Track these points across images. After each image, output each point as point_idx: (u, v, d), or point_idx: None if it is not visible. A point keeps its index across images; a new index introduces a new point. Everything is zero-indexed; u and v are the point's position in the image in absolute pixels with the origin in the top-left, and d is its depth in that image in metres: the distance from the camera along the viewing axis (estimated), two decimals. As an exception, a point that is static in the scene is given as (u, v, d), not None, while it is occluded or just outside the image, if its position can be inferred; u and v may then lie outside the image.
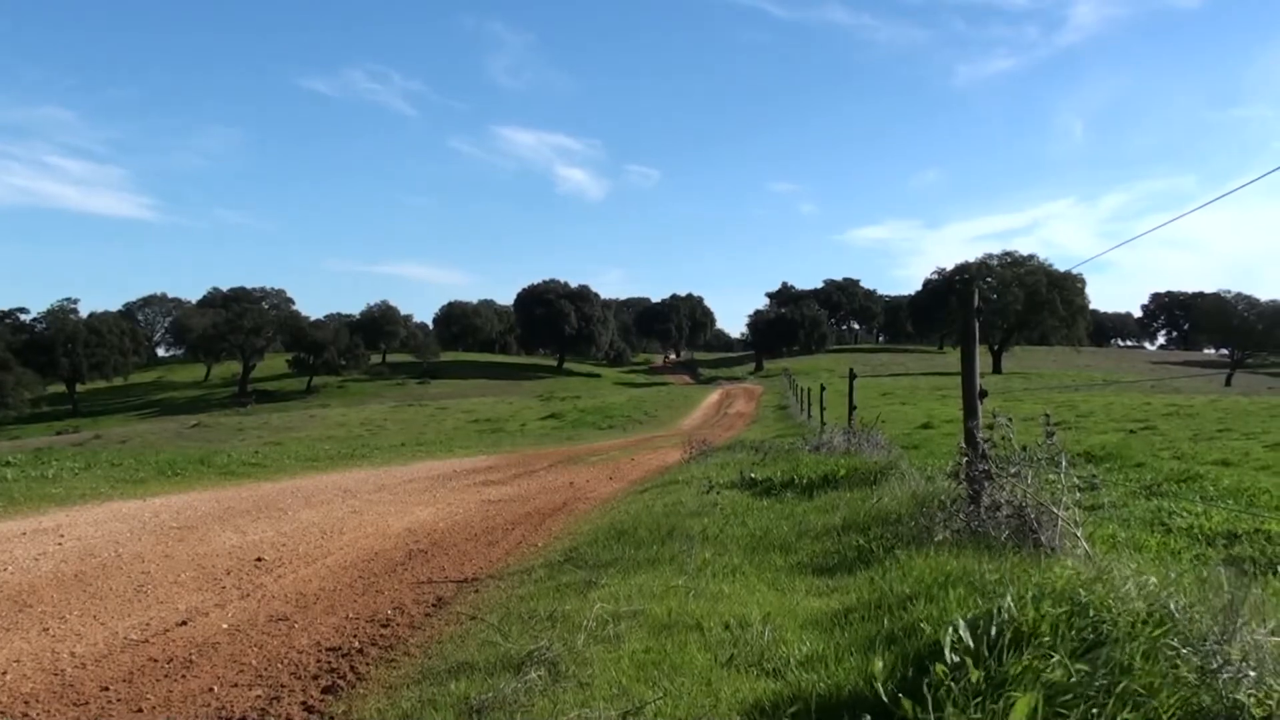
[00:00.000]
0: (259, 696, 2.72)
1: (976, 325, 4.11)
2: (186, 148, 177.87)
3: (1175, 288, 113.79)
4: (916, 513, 4.17)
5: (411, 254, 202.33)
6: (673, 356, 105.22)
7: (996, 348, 63.06)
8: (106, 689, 2.84)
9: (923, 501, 4.40)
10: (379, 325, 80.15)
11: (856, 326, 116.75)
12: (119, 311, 77.47)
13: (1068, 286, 63.30)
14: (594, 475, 9.70)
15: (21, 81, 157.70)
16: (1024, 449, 3.78)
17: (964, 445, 4.05)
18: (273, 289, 79.73)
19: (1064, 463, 3.61)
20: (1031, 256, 68.71)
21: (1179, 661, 1.98)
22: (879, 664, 2.15)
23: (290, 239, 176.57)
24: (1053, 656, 1.97)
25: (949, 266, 77.50)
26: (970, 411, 4.04)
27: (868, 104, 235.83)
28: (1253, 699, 1.86)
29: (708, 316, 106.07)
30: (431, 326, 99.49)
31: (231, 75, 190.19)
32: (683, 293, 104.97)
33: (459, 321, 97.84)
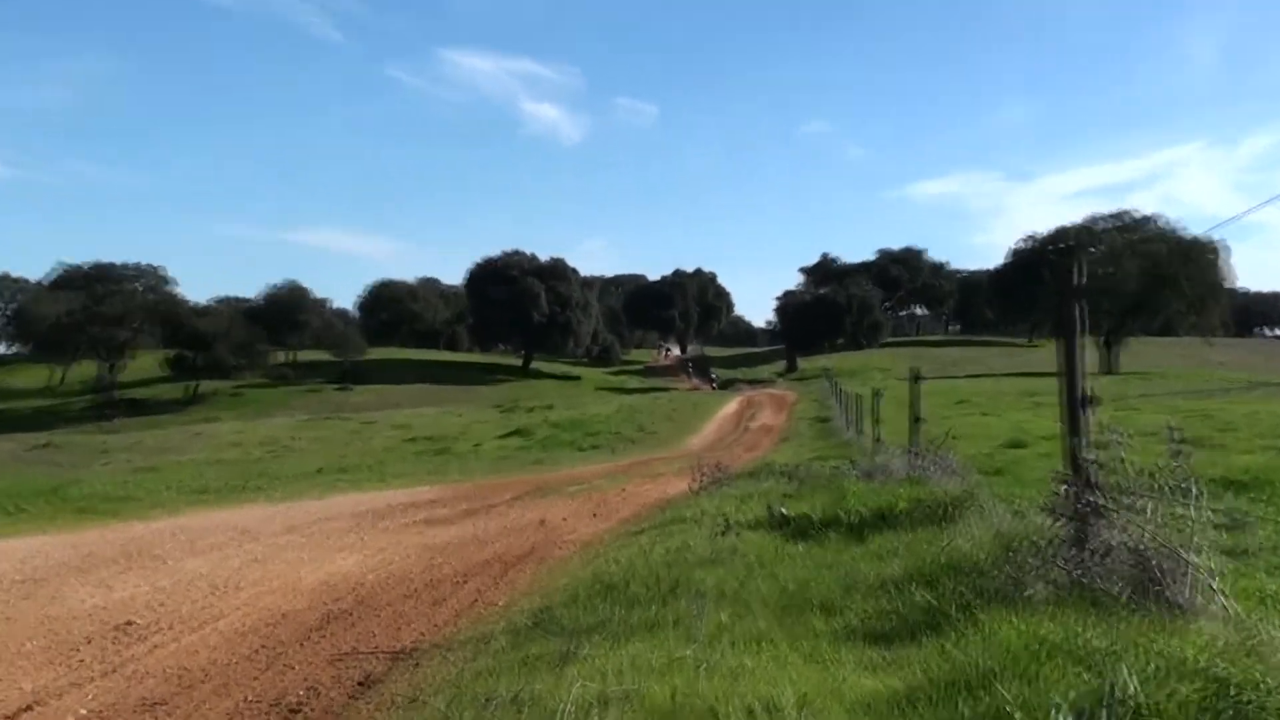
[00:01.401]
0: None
1: (1079, 310, 4.12)
2: (33, 79, 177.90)
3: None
4: (1002, 560, 4.18)
5: (330, 218, 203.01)
6: (676, 353, 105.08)
7: (1106, 339, 63.24)
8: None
9: (1010, 544, 4.40)
10: (286, 313, 79.65)
11: (920, 311, 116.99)
12: (-65, 298, 77.54)
13: (1199, 258, 63.13)
14: (572, 511, 9.72)
15: None
16: (1145, 474, 3.78)
17: (1064, 469, 4.06)
18: (146, 265, 78.24)
19: (1197, 492, 3.60)
20: (1150, 219, 69.00)
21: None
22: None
23: (169, 199, 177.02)
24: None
25: (1042, 232, 77.99)
26: (1073, 424, 4.05)
27: (930, 19, 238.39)
28: None
29: (722, 299, 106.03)
30: (355, 314, 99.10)
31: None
32: (689, 268, 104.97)
33: (391, 307, 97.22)
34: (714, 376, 72.64)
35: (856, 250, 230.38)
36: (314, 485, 14.03)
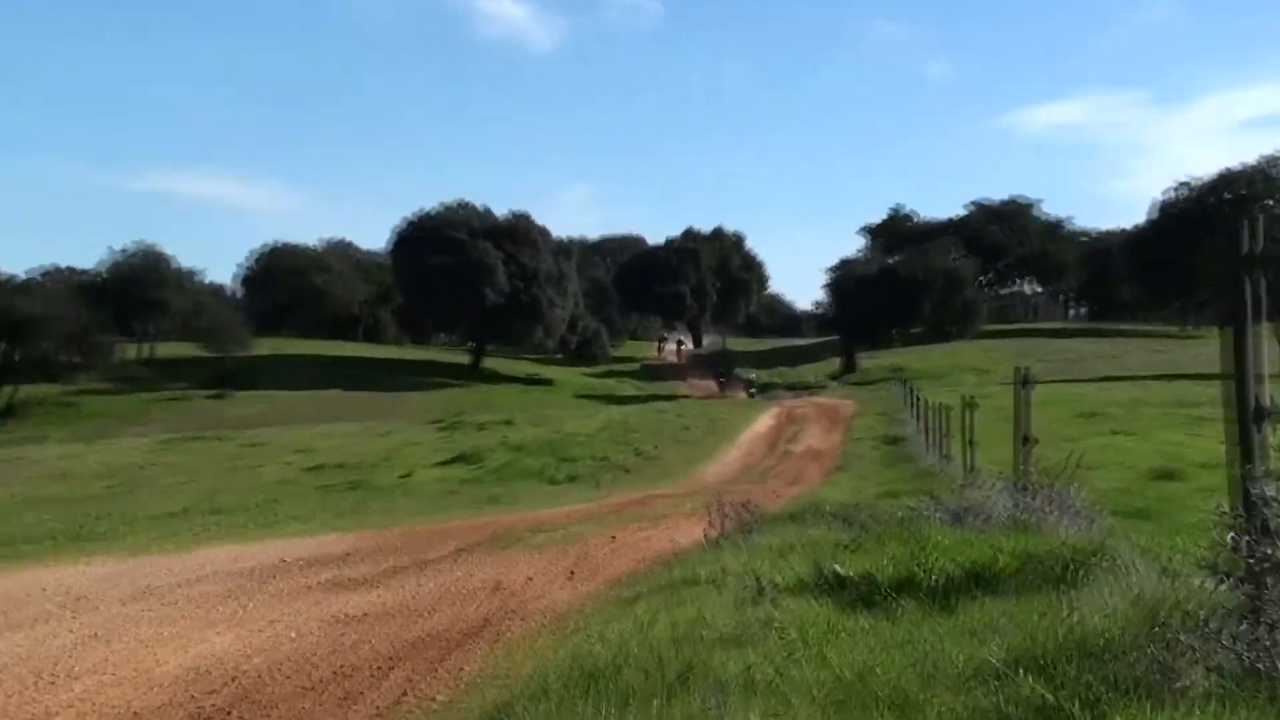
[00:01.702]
0: None
1: (1256, 286, 4.12)
2: None
3: None
4: (1145, 638, 4.21)
5: (201, 157, 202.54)
6: (686, 346, 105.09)
7: (1293, 327, 63.32)
8: None
9: (1157, 617, 4.45)
10: (138, 290, 79.23)
11: (1031, 289, 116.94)
12: None
13: None
14: (540, 569, 9.75)
15: None
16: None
17: (1233, 510, 4.08)
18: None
19: None
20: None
21: None
22: None
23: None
24: None
25: (1202, 177, 77.93)
26: (1245, 448, 4.06)
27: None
28: None
29: (752, 271, 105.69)
30: (238, 292, 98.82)
31: None
32: (705, 227, 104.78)
33: (288, 283, 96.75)
34: (751, 379, 72.47)
35: (941, 203, 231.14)
36: (177, 532, 14.04)
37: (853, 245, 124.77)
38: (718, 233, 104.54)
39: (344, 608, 8.05)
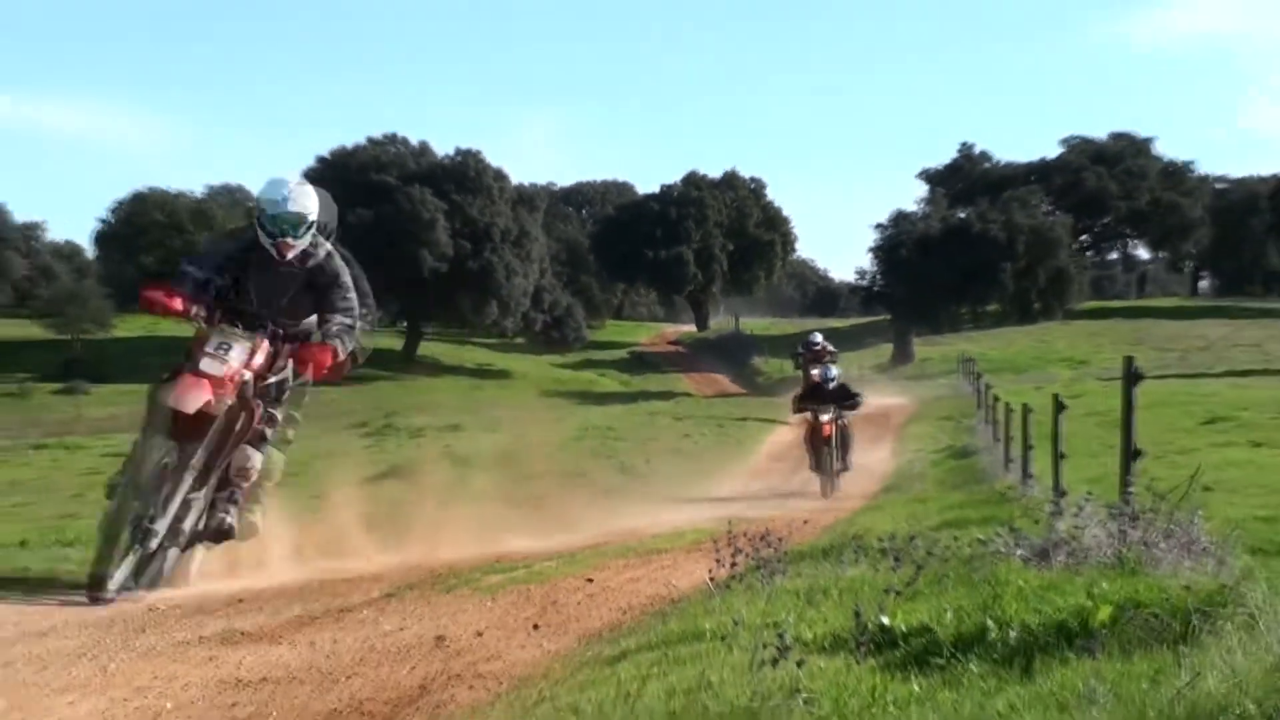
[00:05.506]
0: None
1: None
2: None
3: None
4: None
5: (43, 75, 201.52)
6: (688, 327, 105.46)
7: None
8: None
9: None
10: None
11: (1144, 254, 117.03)
12: None
13: None
14: (494, 619, 9.77)
15: None
16: None
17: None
18: None
19: None
20: None
21: None
22: None
23: None
24: None
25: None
26: None
27: None
28: None
29: (775, 229, 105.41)
30: (93, 253, 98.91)
31: None
32: (713, 171, 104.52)
33: (160, 242, 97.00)
34: (762, 370, 71.94)
35: (1025, 142, 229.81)
36: (17, 570, 14.05)
37: (909, 196, 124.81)
38: (730, 179, 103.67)
39: (235, 670, 8.00)
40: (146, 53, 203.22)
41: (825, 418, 22.56)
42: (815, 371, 25.58)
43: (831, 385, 23.34)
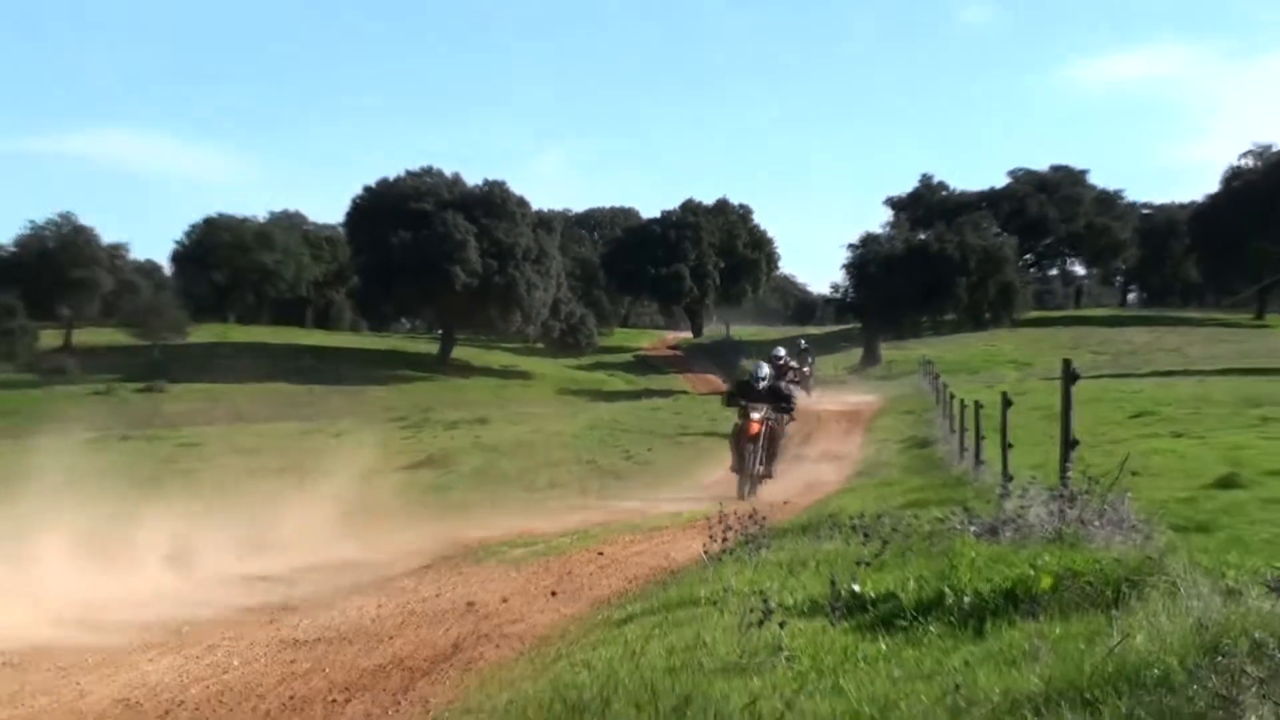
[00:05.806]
0: None
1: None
2: None
3: None
4: (1206, 668, 4.37)
5: (125, 113, 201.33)
6: (686, 334, 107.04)
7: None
8: None
9: (1219, 644, 4.79)
10: (56, 267, 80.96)
11: (1080, 270, 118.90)
12: None
13: None
14: (518, 588, 10.35)
15: None
16: None
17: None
18: None
19: None
20: None
21: None
22: None
23: None
24: None
25: (1275, 144, 79.33)
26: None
27: None
28: None
29: (761, 249, 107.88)
30: (170, 271, 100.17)
31: None
32: (707, 199, 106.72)
33: (230, 260, 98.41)
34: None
35: (977, 172, 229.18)
36: (105, 543, 14.50)
37: (876, 218, 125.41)
38: (722, 205, 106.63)
39: (293, 631, 8.58)
40: (218, 96, 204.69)
41: (755, 416, 20.93)
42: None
43: (761, 385, 21.81)
